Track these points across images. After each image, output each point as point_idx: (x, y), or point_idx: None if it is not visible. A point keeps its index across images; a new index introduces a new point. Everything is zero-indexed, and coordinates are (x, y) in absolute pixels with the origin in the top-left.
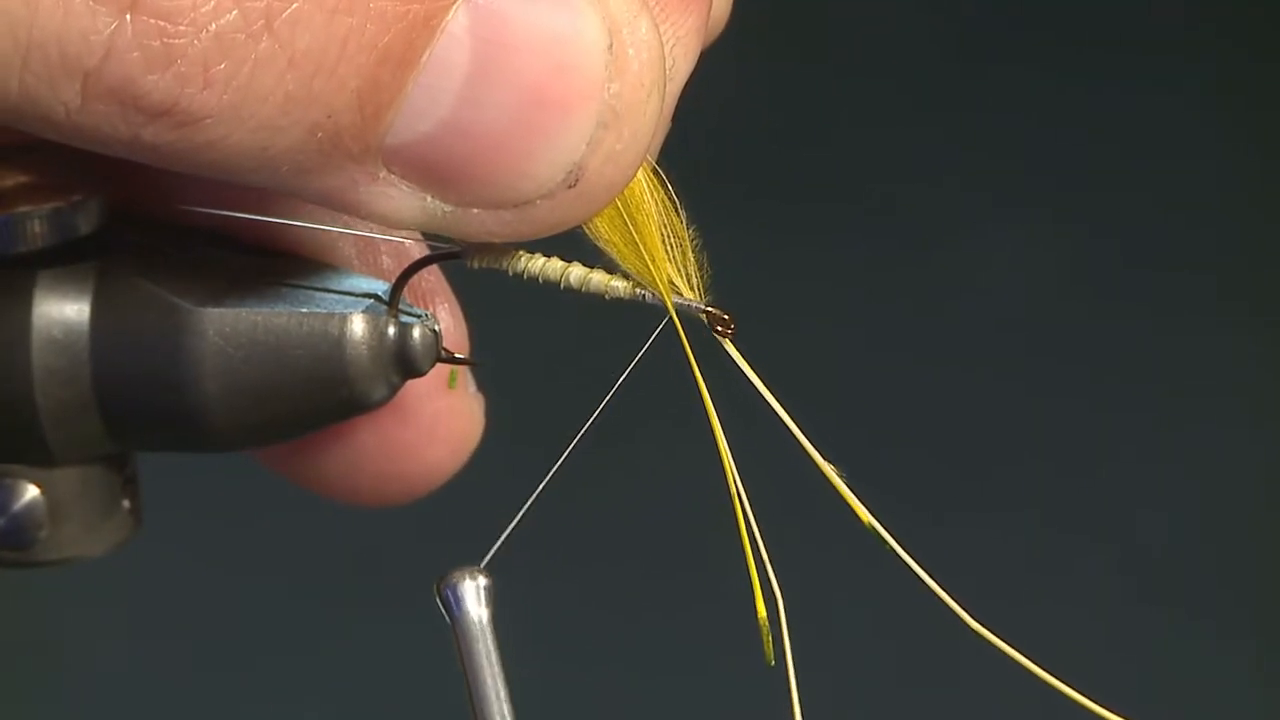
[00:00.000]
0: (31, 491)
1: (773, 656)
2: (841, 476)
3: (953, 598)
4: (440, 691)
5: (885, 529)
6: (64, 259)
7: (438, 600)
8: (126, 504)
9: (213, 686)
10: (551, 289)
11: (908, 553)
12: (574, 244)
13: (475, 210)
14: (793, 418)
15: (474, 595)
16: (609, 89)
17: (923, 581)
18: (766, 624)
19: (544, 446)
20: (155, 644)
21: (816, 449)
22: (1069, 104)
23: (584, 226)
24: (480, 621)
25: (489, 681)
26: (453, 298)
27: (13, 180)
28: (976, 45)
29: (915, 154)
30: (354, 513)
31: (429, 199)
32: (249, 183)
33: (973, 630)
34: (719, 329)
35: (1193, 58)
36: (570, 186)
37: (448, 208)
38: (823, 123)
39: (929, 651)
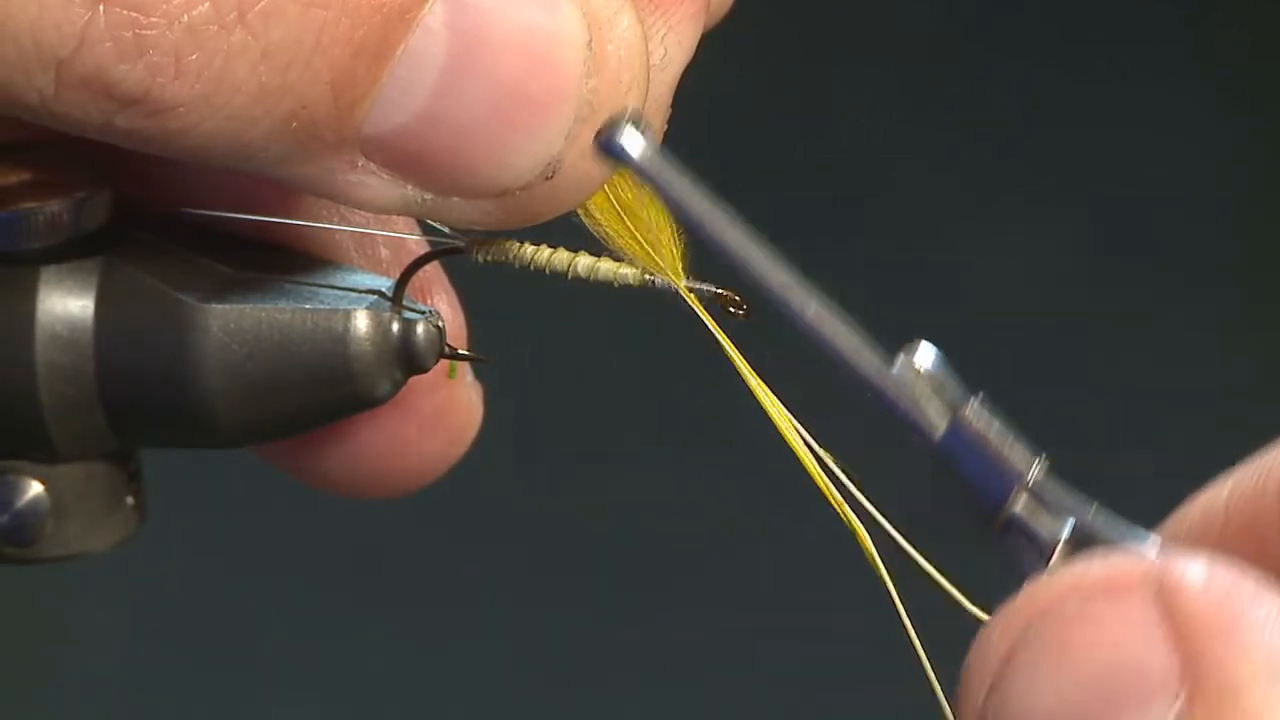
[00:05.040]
0: (35, 488)
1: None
2: (846, 470)
3: (949, 593)
4: (441, 691)
5: (885, 517)
6: (68, 255)
7: (602, 151)
8: (130, 500)
9: (213, 686)
10: (552, 283)
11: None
12: (576, 233)
13: (455, 199)
14: (787, 408)
15: (636, 139)
16: (587, 84)
17: (927, 574)
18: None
19: (543, 441)
20: (156, 643)
21: (811, 444)
22: (1071, 98)
23: (583, 216)
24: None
25: (707, 211)
26: (451, 290)
27: (16, 177)
28: (977, 40)
29: (915, 149)
30: (357, 510)
31: (409, 188)
32: (227, 169)
33: (974, 616)
34: (732, 310)
35: (1196, 50)
36: (548, 179)
37: (427, 196)
38: (822, 117)
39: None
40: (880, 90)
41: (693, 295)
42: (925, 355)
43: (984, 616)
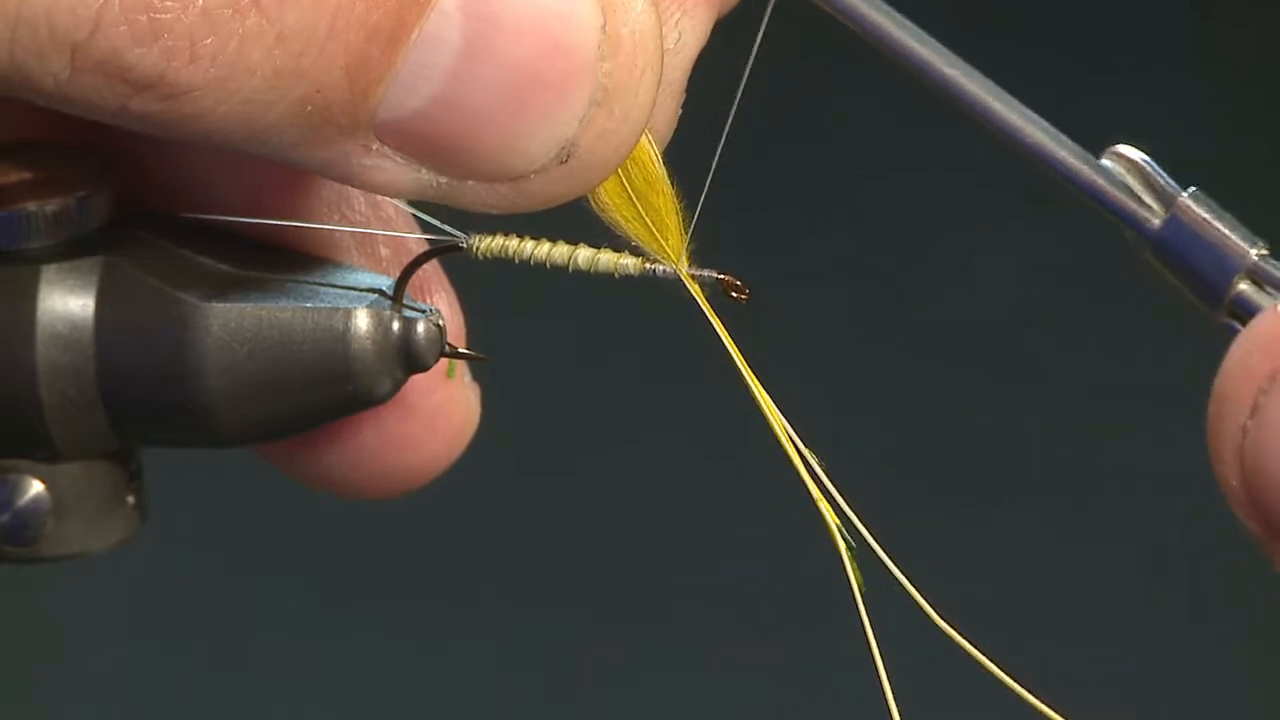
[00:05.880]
0: (36, 487)
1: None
2: (822, 466)
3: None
4: (441, 691)
5: (869, 526)
6: (69, 254)
7: None
8: (130, 500)
9: (213, 686)
10: (551, 283)
11: (896, 556)
12: (575, 226)
13: (470, 183)
14: (780, 408)
15: None
16: (601, 68)
17: (895, 578)
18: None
19: (542, 441)
20: (155, 643)
21: (798, 440)
22: (1069, 95)
23: (593, 201)
24: None
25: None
26: (450, 289)
27: (17, 176)
28: (975, 37)
29: (913, 146)
30: (357, 510)
31: (423, 172)
32: (242, 152)
33: (940, 628)
34: (734, 295)
35: (1196, 49)
36: (563, 162)
37: (442, 180)
38: (820, 115)
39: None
40: (880, 88)
41: (694, 282)
42: (1132, 151)
43: (945, 625)
